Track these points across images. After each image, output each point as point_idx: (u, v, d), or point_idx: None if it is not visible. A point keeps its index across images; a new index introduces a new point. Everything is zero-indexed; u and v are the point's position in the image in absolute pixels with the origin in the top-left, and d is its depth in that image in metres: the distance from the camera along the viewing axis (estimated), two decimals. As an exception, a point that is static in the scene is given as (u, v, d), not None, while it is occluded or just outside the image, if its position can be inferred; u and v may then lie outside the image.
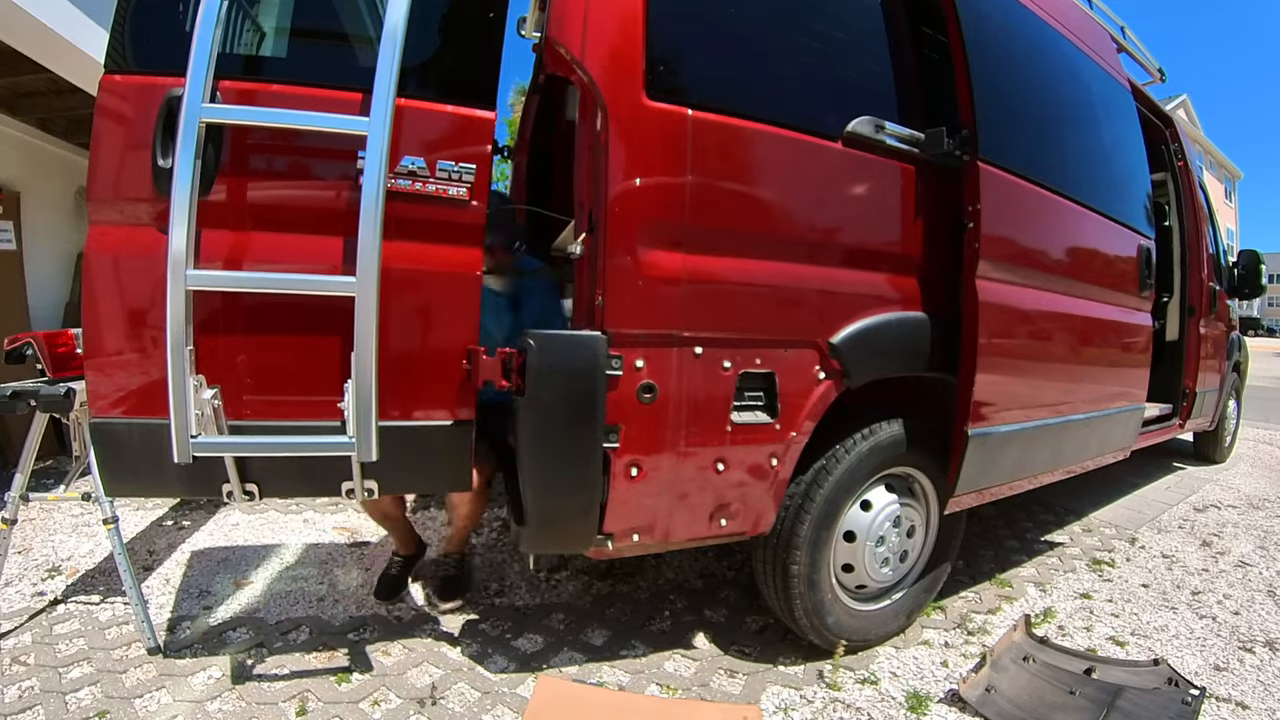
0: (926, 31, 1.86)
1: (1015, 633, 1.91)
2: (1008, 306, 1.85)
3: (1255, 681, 1.81)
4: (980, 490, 1.91)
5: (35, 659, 1.78)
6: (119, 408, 1.33)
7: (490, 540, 2.68)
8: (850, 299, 1.66)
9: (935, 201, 1.79)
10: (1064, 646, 1.91)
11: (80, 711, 1.57)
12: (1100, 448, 2.51)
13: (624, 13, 1.38)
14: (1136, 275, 2.56)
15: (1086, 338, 2.27)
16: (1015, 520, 3.07)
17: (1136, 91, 2.86)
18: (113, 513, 1.86)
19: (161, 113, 1.26)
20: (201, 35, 1.22)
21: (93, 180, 1.29)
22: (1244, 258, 4.40)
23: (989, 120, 1.75)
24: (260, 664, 1.77)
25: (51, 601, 2.11)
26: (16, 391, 1.83)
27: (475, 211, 1.40)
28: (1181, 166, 3.47)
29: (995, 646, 1.84)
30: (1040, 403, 2.05)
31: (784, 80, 1.61)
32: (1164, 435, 3.35)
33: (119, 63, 1.30)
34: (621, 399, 1.40)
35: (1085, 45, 2.39)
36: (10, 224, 4.14)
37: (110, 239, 1.30)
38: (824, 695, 1.69)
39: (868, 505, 1.83)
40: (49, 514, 2.94)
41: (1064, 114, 2.24)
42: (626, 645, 1.91)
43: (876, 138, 1.66)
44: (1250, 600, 2.32)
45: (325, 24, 1.50)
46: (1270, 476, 4.18)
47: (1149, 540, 2.91)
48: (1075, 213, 2.18)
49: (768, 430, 1.57)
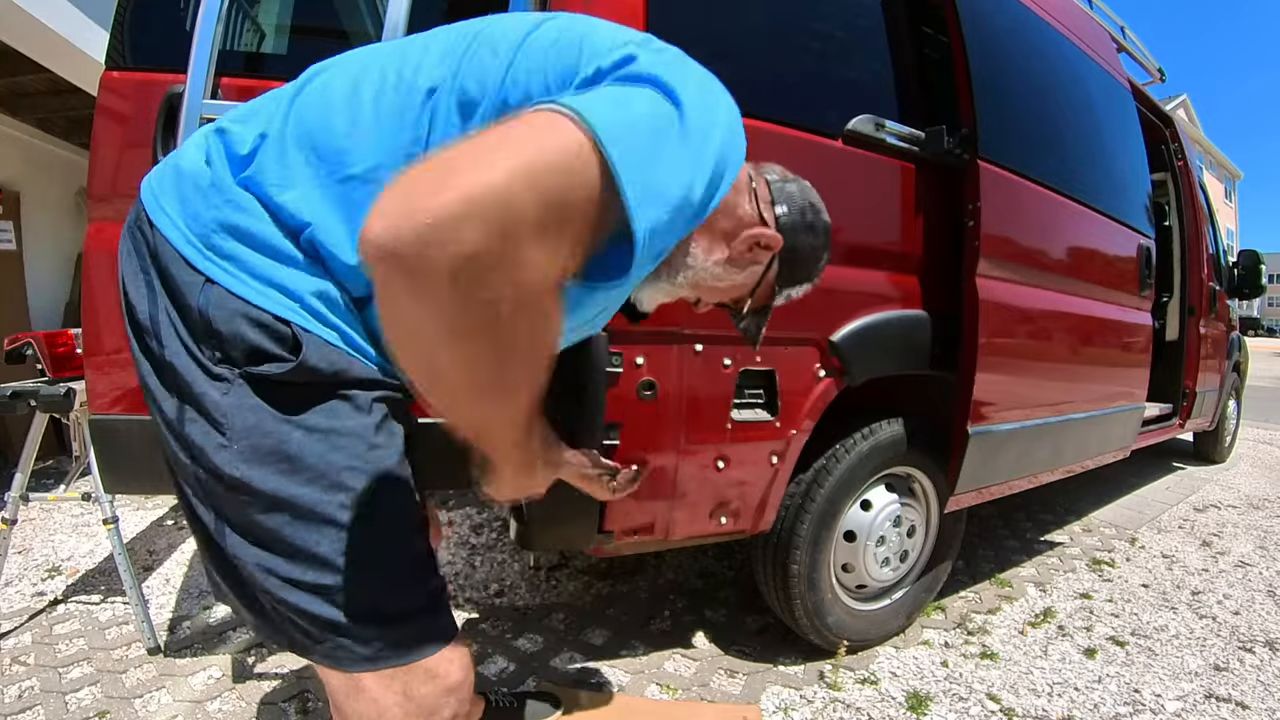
0: (927, 31, 1.86)
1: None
2: (1008, 305, 1.85)
3: (1255, 681, 1.81)
4: (980, 489, 1.91)
5: (35, 659, 1.77)
6: (119, 405, 1.32)
7: (490, 540, 2.68)
8: (851, 297, 1.66)
9: (935, 200, 1.79)
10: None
11: (80, 711, 1.56)
12: (1100, 447, 2.50)
13: (624, 12, 1.38)
14: (1137, 275, 2.56)
15: (1087, 337, 2.27)
16: (1015, 520, 3.07)
17: (1136, 91, 2.86)
18: (113, 513, 1.86)
19: (163, 109, 1.26)
20: (203, 31, 1.22)
21: (93, 177, 1.29)
22: (1244, 258, 4.41)
23: (989, 119, 1.75)
24: (260, 664, 1.77)
25: (51, 601, 2.11)
26: (16, 391, 1.83)
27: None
28: (1181, 166, 3.48)
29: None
30: (1040, 401, 2.05)
31: (784, 79, 1.61)
32: (1164, 435, 3.35)
33: (120, 60, 1.30)
34: (621, 396, 1.40)
35: (1085, 45, 2.40)
36: (10, 224, 4.14)
37: (111, 236, 1.28)
38: (824, 695, 1.68)
39: (868, 505, 1.82)
40: (49, 514, 2.94)
41: (1064, 113, 2.25)
42: (626, 645, 1.91)
43: (876, 136, 1.66)
44: (1250, 600, 2.31)
45: (326, 21, 1.50)
46: (1270, 476, 4.18)
47: (1149, 540, 2.91)
48: (1075, 212, 2.18)
49: (768, 428, 1.57)
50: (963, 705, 1.66)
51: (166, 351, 0.70)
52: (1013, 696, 1.71)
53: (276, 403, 0.69)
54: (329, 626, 0.71)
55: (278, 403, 0.69)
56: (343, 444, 0.71)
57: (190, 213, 0.71)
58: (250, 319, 0.68)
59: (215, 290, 0.69)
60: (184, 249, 0.70)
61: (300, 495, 0.69)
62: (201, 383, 0.69)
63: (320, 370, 0.70)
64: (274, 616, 0.74)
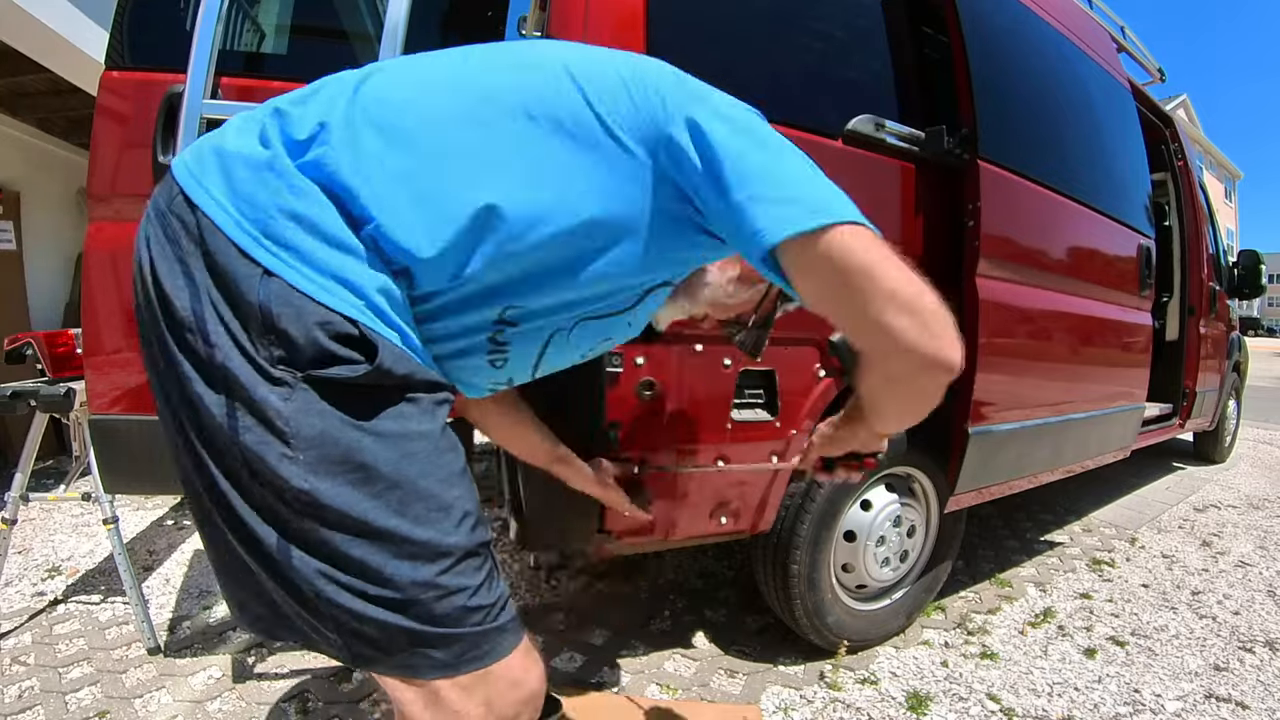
0: (927, 31, 1.86)
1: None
2: (1008, 305, 1.85)
3: (1255, 681, 1.81)
4: (980, 489, 1.91)
5: (35, 659, 1.77)
6: (119, 404, 1.32)
7: (490, 540, 2.68)
8: (850, 297, 1.66)
9: (935, 200, 1.79)
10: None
11: (80, 711, 1.56)
12: (1100, 447, 2.50)
13: (624, 11, 1.38)
14: (1137, 274, 2.56)
15: (1087, 337, 2.27)
16: (1015, 520, 3.07)
17: (1136, 91, 2.86)
18: (113, 513, 1.86)
19: (163, 109, 1.26)
20: (203, 31, 1.22)
21: (93, 177, 1.29)
22: (1244, 258, 4.40)
23: (989, 119, 1.75)
24: (260, 664, 1.77)
25: (51, 601, 2.11)
26: (16, 391, 1.83)
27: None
28: (1181, 166, 3.48)
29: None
30: (1040, 401, 2.05)
31: (784, 78, 1.61)
32: (1164, 435, 3.35)
33: (120, 59, 1.30)
34: (621, 396, 1.40)
35: (1085, 45, 2.40)
36: (10, 224, 4.14)
37: (110, 235, 1.30)
38: (824, 695, 1.68)
39: (868, 505, 1.82)
40: (49, 514, 2.94)
41: (1064, 113, 2.25)
42: (626, 645, 1.91)
43: (876, 136, 1.66)
44: (1250, 600, 2.31)
45: (326, 21, 1.50)
46: (1270, 476, 4.18)
47: (1149, 540, 2.91)
48: (1075, 212, 2.18)
49: (768, 428, 1.57)
50: (963, 705, 1.66)
51: (217, 352, 0.63)
52: (1013, 696, 1.71)
53: (344, 407, 0.64)
54: (405, 635, 0.67)
55: (345, 407, 0.64)
56: (414, 450, 0.68)
57: (242, 196, 0.66)
58: (317, 317, 0.63)
59: (275, 283, 0.63)
60: (237, 235, 0.64)
61: (374, 508, 0.65)
62: (259, 386, 0.63)
63: (393, 373, 0.66)
64: (328, 631, 0.68)
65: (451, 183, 0.68)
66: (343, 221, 0.66)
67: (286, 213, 0.65)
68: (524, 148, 0.69)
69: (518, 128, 0.69)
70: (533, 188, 0.69)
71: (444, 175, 0.68)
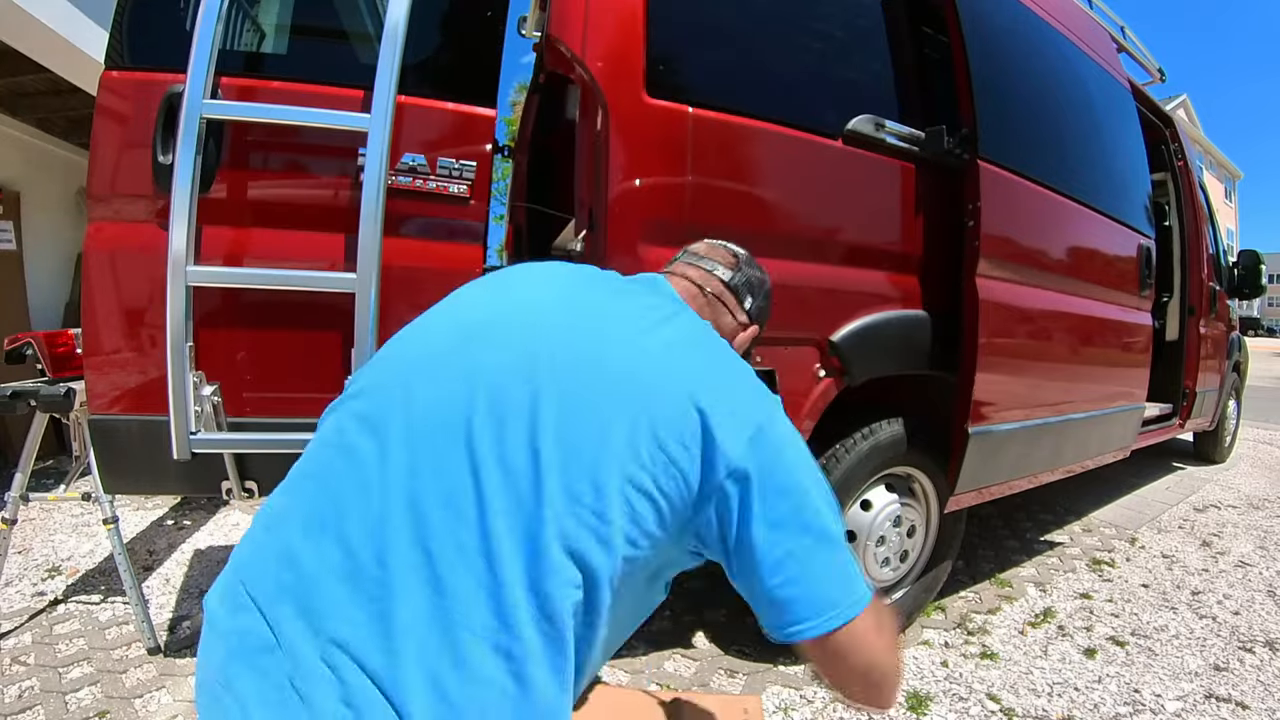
0: (927, 31, 1.86)
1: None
2: (1008, 305, 1.85)
3: (1255, 681, 1.81)
4: (980, 489, 1.90)
5: (35, 659, 1.77)
6: (118, 404, 1.32)
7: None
8: (851, 296, 1.66)
9: (935, 200, 1.79)
10: None
11: (80, 711, 1.56)
12: (1100, 447, 2.50)
13: (625, 11, 1.38)
14: (1137, 274, 2.56)
15: (1087, 337, 2.27)
16: (1015, 520, 3.07)
17: (1136, 91, 2.86)
18: (113, 513, 1.86)
19: (162, 109, 1.26)
20: (203, 31, 1.22)
21: (93, 177, 1.29)
22: (1244, 258, 4.40)
23: (989, 119, 1.75)
24: (260, 663, 1.77)
25: (51, 601, 2.11)
26: (16, 391, 1.83)
27: (476, 210, 1.40)
28: (1181, 166, 3.47)
29: None
30: (1040, 401, 2.05)
31: (784, 78, 1.61)
32: (1164, 435, 3.35)
33: (119, 59, 1.30)
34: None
35: (1085, 45, 2.40)
36: (10, 224, 4.14)
37: (110, 235, 1.30)
38: (824, 695, 1.68)
39: (868, 505, 1.82)
40: (49, 514, 2.94)
41: (1064, 113, 2.25)
42: (626, 645, 1.90)
43: (877, 136, 1.66)
44: (1250, 600, 2.31)
45: (326, 21, 1.50)
46: (1270, 476, 4.18)
47: (1149, 540, 2.91)
48: (1075, 212, 2.18)
49: (768, 428, 1.56)
50: (963, 705, 1.66)
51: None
52: (1013, 696, 1.70)
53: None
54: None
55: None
56: None
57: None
58: None
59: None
60: None
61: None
62: None
63: None
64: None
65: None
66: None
67: None
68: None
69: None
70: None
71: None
